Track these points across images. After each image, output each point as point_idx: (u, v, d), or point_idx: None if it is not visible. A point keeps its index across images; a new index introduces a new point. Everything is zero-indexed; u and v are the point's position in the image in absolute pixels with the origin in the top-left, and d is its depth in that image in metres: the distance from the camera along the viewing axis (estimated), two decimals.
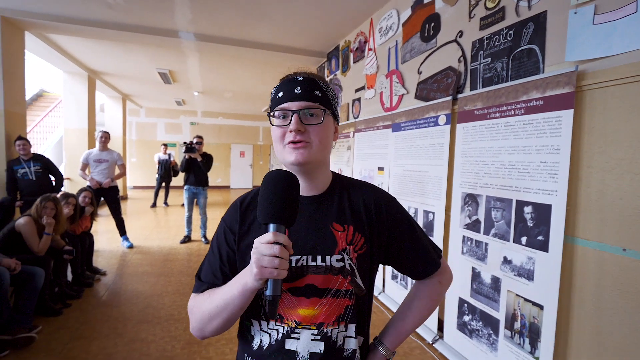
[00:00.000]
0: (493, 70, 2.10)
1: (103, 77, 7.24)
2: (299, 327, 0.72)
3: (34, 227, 2.76)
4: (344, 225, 0.76)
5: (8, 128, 3.92)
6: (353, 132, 3.96)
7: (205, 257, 0.81)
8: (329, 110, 0.75)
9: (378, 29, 3.52)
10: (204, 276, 0.78)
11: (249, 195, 0.82)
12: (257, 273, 0.57)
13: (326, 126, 0.74)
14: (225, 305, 0.66)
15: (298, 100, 0.72)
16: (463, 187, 2.25)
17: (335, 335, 0.73)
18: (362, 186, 0.83)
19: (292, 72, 0.78)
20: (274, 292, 0.58)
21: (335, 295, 0.73)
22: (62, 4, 3.67)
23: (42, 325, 2.56)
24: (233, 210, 0.80)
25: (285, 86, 0.74)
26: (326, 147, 0.75)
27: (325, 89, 0.76)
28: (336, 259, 0.73)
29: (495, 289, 2.00)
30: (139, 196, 10.20)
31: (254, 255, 0.58)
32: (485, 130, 2.07)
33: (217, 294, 0.70)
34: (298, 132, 0.70)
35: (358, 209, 0.79)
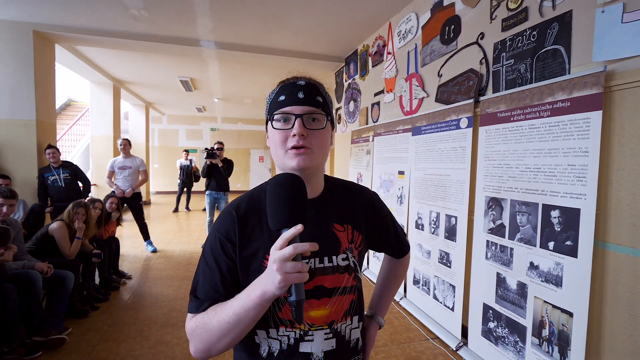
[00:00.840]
0: (516, 72, 2.06)
1: (127, 86, 7.51)
2: (312, 329, 0.73)
3: (66, 231, 2.88)
4: (343, 225, 0.81)
5: (39, 137, 4.12)
6: (372, 136, 3.96)
7: (198, 273, 0.74)
8: (329, 116, 0.76)
9: (397, 33, 3.51)
10: (202, 294, 0.71)
11: (242, 201, 0.78)
12: (281, 280, 0.56)
13: (327, 131, 0.75)
14: (239, 320, 0.63)
15: (301, 105, 0.71)
16: (486, 190, 2.20)
17: (344, 330, 0.77)
18: (352, 187, 0.89)
19: (292, 76, 0.78)
20: (299, 297, 0.57)
21: (342, 292, 0.77)
22: (90, 17, 3.84)
23: (72, 327, 2.66)
24: (228, 219, 0.75)
25: (287, 90, 0.73)
26: (326, 152, 0.76)
27: (325, 95, 0.77)
28: (342, 258, 0.77)
29: (521, 295, 1.94)
30: (161, 201, 10.48)
31: (276, 263, 0.56)
32: (509, 132, 2.03)
33: (225, 309, 0.65)
34: (301, 137, 0.70)
35: (354, 208, 0.84)
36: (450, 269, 2.57)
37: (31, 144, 4.06)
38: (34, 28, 3.95)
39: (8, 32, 3.89)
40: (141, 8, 3.56)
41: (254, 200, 0.78)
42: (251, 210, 0.76)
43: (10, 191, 2.54)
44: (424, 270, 2.89)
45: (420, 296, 2.95)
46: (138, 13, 3.67)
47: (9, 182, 3.60)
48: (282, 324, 0.72)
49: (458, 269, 2.48)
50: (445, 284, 2.62)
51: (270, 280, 0.58)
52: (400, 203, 3.32)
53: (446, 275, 2.61)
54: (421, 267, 2.93)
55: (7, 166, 4.01)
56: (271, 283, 0.57)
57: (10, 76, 3.93)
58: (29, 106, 4.00)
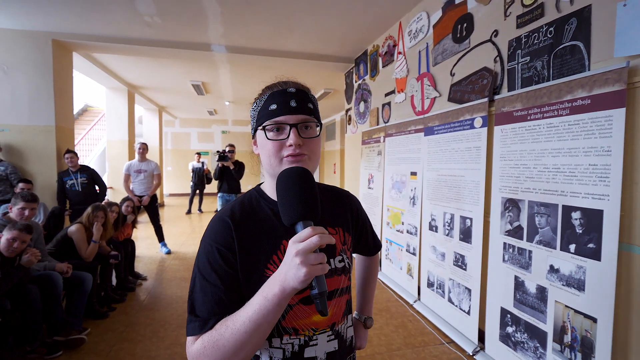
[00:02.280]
0: (532, 70, 2.01)
1: (141, 90, 7.66)
2: (316, 333, 0.74)
3: (84, 234, 2.95)
4: (335, 228, 0.82)
5: (59, 142, 4.23)
6: (383, 137, 3.92)
7: (195, 292, 0.68)
8: (320, 123, 0.76)
9: (407, 32, 3.48)
10: (204, 312, 0.65)
11: (235, 208, 0.75)
12: (307, 273, 0.53)
13: (319, 139, 0.75)
14: (257, 326, 0.59)
15: (295, 114, 0.70)
16: (503, 191, 2.15)
17: (344, 330, 0.80)
18: (335, 190, 0.91)
19: (280, 82, 0.76)
20: (322, 288, 0.56)
21: (340, 294, 0.79)
22: (106, 25, 3.93)
23: (90, 328, 2.72)
24: (223, 228, 0.71)
25: (278, 98, 0.71)
26: (318, 158, 0.76)
27: (314, 100, 0.77)
28: (338, 260, 0.79)
29: (541, 299, 1.89)
30: (174, 203, 10.64)
31: (299, 257, 0.54)
32: (526, 132, 1.98)
33: (238, 319, 0.60)
34: (298, 146, 0.69)
35: (341, 211, 0.87)
36: (465, 271, 2.52)
37: (51, 148, 4.17)
38: (53, 37, 4.07)
39: (29, 41, 4.02)
40: (154, 15, 3.62)
41: (246, 208, 0.76)
42: (246, 217, 0.74)
43: (31, 195, 2.62)
44: (438, 272, 2.84)
45: (434, 299, 2.90)
46: (151, 20, 3.73)
47: (31, 187, 3.70)
48: (286, 332, 0.72)
49: (474, 272, 2.43)
50: (460, 287, 2.57)
51: (292, 274, 0.55)
52: (412, 204, 3.27)
53: (461, 278, 2.55)
54: (435, 270, 2.88)
55: (29, 170, 4.13)
56: (293, 277, 0.54)
57: (31, 84, 4.06)
58: (48, 112, 4.12)
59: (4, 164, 3.80)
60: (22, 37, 4.00)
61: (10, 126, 4.05)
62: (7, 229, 2.18)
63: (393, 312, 3.07)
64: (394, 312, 3.07)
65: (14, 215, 2.54)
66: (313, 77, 6.34)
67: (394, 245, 3.67)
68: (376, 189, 4.13)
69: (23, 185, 3.60)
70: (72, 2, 3.38)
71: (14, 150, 4.07)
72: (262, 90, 0.77)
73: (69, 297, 2.67)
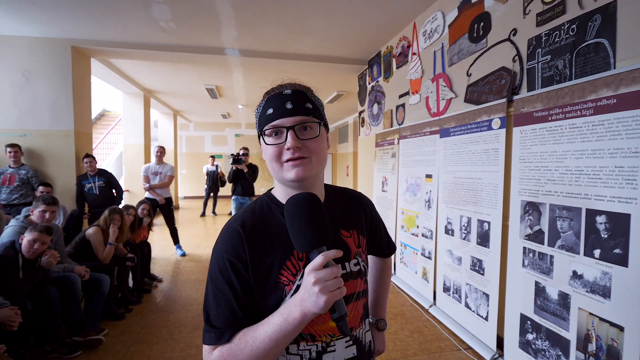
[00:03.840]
0: (554, 69, 1.95)
1: (157, 95, 7.80)
2: (333, 339, 0.73)
3: (101, 236, 3.01)
4: (349, 231, 0.81)
5: (77, 146, 4.34)
6: (397, 139, 3.88)
7: (209, 300, 0.70)
8: (321, 122, 0.74)
9: (422, 33, 3.44)
10: (219, 322, 0.67)
11: (245, 216, 0.74)
12: (327, 300, 0.55)
13: (322, 138, 0.73)
14: (276, 345, 0.61)
15: (291, 116, 0.68)
16: (522, 194, 2.09)
17: (362, 335, 0.79)
18: (349, 193, 0.90)
19: (277, 85, 0.75)
20: (342, 311, 0.58)
21: (357, 298, 0.78)
22: (122, 31, 4.02)
23: (107, 329, 2.76)
24: (234, 238, 0.70)
25: (274, 102, 0.70)
26: (324, 159, 0.74)
27: (314, 100, 0.74)
28: (353, 263, 0.78)
29: (563, 306, 1.82)
30: (189, 206, 10.79)
31: (317, 285, 0.55)
32: (547, 133, 1.92)
33: (257, 336, 0.62)
34: (296, 149, 0.68)
35: (355, 214, 0.85)
36: (483, 276, 2.45)
37: (70, 153, 4.28)
38: (72, 44, 4.18)
39: (49, 48, 4.14)
40: (169, 20, 3.68)
41: (257, 215, 0.75)
42: (257, 225, 0.73)
43: (52, 198, 2.68)
44: (455, 277, 2.78)
45: (451, 304, 2.84)
46: (166, 25, 3.80)
47: (50, 190, 3.80)
48: (303, 339, 0.71)
49: (492, 277, 2.36)
50: (478, 292, 2.51)
51: (311, 302, 0.57)
52: (428, 207, 3.22)
53: (479, 283, 2.49)
54: (452, 274, 2.82)
55: (49, 174, 4.25)
56: (313, 304, 0.56)
57: (51, 90, 4.18)
58: (68, 117, 4.23)
59: (25, 168, 3.92)
60: (42, 45, 4.12)
61: (31, 131, 4.18)
62: (29, 230, 2.24)
63: (408, 317, 3.01)
64: (409, 317, 3.01)
65: (35, 218, 2.61)
66: (326, 80, 6.34)
67: (408, 249, 3.61)
68: (390, 192, 4.09)
69: (43, 189, 3.70)
70: (91, 9, 3.46)
71: (35, 154, 4.20)
72: (263, 95, 0.76)
73: (88, 298, 2.72)
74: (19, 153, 3.90)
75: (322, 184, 0.81)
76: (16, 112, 4.13)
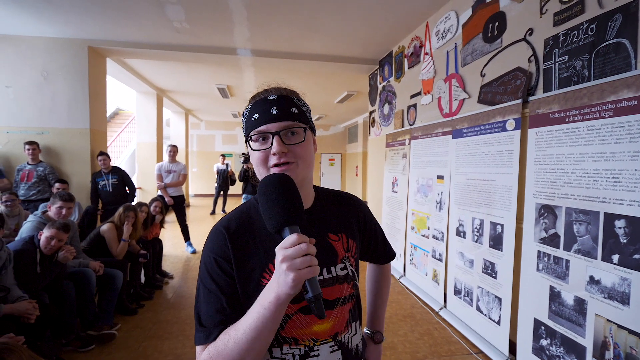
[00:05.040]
0: (571, 69, 1.91)
1: (169, 94, 7.91)
2: (317, 344, 0.72)
3: (115, 233, 3.06)
4: (338, 235, 0.80)
5: (93, 144, 4.43)
6: (409, 140, 3.85)
7: (199, 300, 0.70)
8: (308, 126, 0.73)
9: (435, 32, 3.40)
10: (208, 321, 0.67)
11: (232, 219, 0.76)
12: (294, 278, 0.53)
13: (308, 142, 0.73)
14: (258, 334, 0.60)
15: (276, 121, 0.69)
16: (537, 197, 2.05)
17: (348, 340, 0.77)
18: (341, 195, 0.88)
19: (263, 90, 0.75)
20: (315, 291, 0.55)
21: (343, 302, 0.76)
22: (137, 31, 4.08)
23: (120, 324, 2.81)
24: (219, 238, 0.72)
25: (260, 107, 0.71)
26: (310, 163, 0.74)
27: (300, 104, 0.75)
28: (340, 267, 0.77)
29: (579, 312, 1.78)
30: (199, 204, 10.90)
31: (285, 263, 0.54)
32: (564, 135, 1.88)
33: (239, 328, 0.62)
34: (282, 154, 0.68)
35: (346, 217, 0.84)
36: (495, 279, 2.42)
37: (85, 150, 4.37)
38: (89, 44, 4.27)
39: (67, 48, 4.23)
40: (183, 20, 3.73)
41: (244, 218, 0.76)
42: (243, 227, 0.74)
43: (68, 195, 2.74)
44: (466, 280, 2.75)
45: (461, 307, 2.81)
46: (180, 25, 3.85)
47: (66, 186, 3.89)
48: (286, 342, 0.71)
49: (505, 280, 2.33)
50: (490, 296, 2.47)
51: (282, 281, 0.55)
52: (439, 209, 3.19)
53: (491, 287, 2.46)
54: (463, 277, 2.79)
55: (65, 171, 4.34)
56: (284, 284, 0.55)
57: (68, 89, 4.27)
58: (84, 116, 4.32)
59: (43, 165, 4.02)
60: (61, 45, 4.22)
61: (49, 129, 4.28)
62: (47, 227, 2.29)
63: (418, 319, 2.99)
64: (419, 319, 2.99)
65: (52, 214, 2.67)
66: (336, 79, 6.33)
67: (418, 251, 3.59)
68: (400, 193, 4.06)
69: (59, 185, 3.79)
70: (107, 10, 3.53)
71: (52, 151, 4.30)
72: (249, 100, 0.77)
73: (101, 293, 2.77)
74: (37, 150, 4.00)
75: (311, 187, 0.81)
76: (35, 111, 4.24)
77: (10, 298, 1.97)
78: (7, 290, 1.98)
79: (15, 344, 1.10)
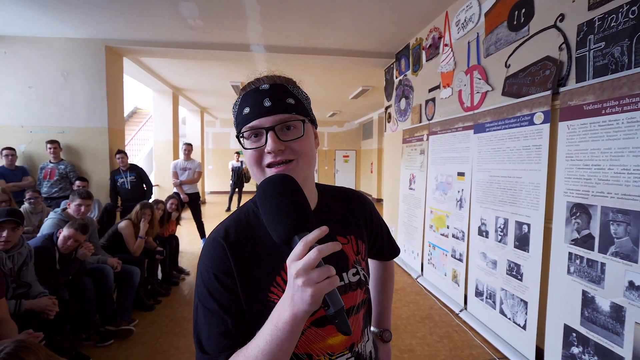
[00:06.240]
0: (609, 57, 1.76)
1: (184, 92, 7.98)
2: (332, 358, 0.67)
3: (132, 230, 3.09)
4: (346, 237, 0.73)
5: (111, 142, 4.50)
6: (427, 135, 3.73)
7: (199, 323, 0.61)
8: (307, 118, 0.65)
9: (455, 23, 3.26)
10: (211, 347, 0.59)
11: (230, 227, 0.67)
12: (313, 294, 0.46)
13: (308, 137, 0.64)
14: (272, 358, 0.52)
15: (270, 115, 0.60)
16: (569, 195, 1.92)
17: (363, 348, 0.73)
18: (345, 192, 0.81)
19: (254, 79, 0.66)
20: (338, 306, 0.48)
21: (357, 310, 0.71)
22: (152, 30, 4.10)
23: (138, 319, 2.84)
24: (218, 251, 0.63)
25: (251, 99, 0.62)
26: (311, 160, 0.65)
27: (297, 93, 0.66)
28: (352, 273, 0.71)
29: (617, 320, 1.65)
30: (215, 200, 11.03)
31: (301, 277, 0.46)
32: (600, 128, 1.74)
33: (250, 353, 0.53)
34: (279, 152, 0.60)
35: (353, 216, 0.77)
36: (521, 282, 2.30)
37: (104, 149, 4.44)
38: (106, 44, 4.32)
39: (85, 48, 4.30)
40: (196, 17, 3.71)
41: (243, 225, 0.67)
42: (243, 236, 0.66)
43: (87, 192, 2.78)
44: (489, 281, 2.63)
45: (484, 310, 2.69)
46: (194, 22, 3.83)
47: (86, 184, 3.96)
48: (299, 358, 0.65)
49: (531, 283, 2.20)
50: (515, 299, 2.35)
51: (297, 298, 0.47)
52: (459, 207, 3.07)
53: (516, 289, 2.34)
54: (485, 278, 2.67)
55: (85, 169, 4.43)
56: (300, 301, 0.47)
57: (87, 88, 4.34)
58: (102, 115, 4.39)
59: (64, 163, 4.10)
60: (79, 45, 4.28)
61: (70, 128, 4.37)
62: (67, 226, 2.32)
63: (437, 321, 2.89)
64: (438, 321, 2.89)
65: (71, 211, 2.70)
66: (351, 74, 6.22)
67: (437, 250, 3.47)
68: (418, 190, 3.94)
69: (79, 183, 3.86)
70: (123, 9, 3.55)
71: (73, 150, 4.38)
72: (239, 92, 0.68)
73: (120, 289, 2.80)
74: (58, 149, 4.08)
75: (313, 186, 0.73)
76: (56, 110, 4.33)
77: (31, 294, 2.01)
78: (28, 286, 2.01)
79: (33, 342, 1.09)
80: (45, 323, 1.93)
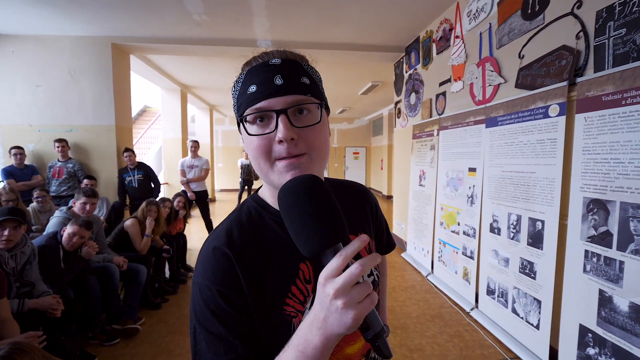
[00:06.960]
0: (629, 44, 1.66)
1: (193, 90, 7.99)
2: None
3: (138, 228, 3.09)
4: (357, 234, 0.66)
5: (119, 140, 4.52)
6: (437, 130, 3.64)
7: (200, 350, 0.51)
8: (323, 102, 0.56)
9: (466, 13, 3.16)
10: None
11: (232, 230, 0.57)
12: (355, 316, 0.39)
13: (324, 126, 0.55)
14: None
15: (282, 95, 0.50)
16: (586, 191, 1.83)
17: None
18: (350, 186, 0.76)
19: (261, 53, 0.55)
20: (377, 327, 0.43)
21: None
22: (158, 27, 4.09)
23: (144, 318, 2.83)
24: (221, 262, 0.54)
25: (259, 75, 0.51)
26: (326, 153, 0.55)
27: (312, 73, 0.56)
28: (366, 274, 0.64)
29: (636, 320, 1.57)
30: (224, 198, 11.07)
31: (341, 298, 0.39)
32: (620, 120, 1.65)
33: None
34: (291, 142, 0.50)
35: (362, 212, 0.72)
36: (534, 280, 2.21)
37: (112, 147, 4.47)
38: (112, 41, 4.33)
39: (91, 46, 4.32)
40: (202, 12, 3.68)
41: (246, 228, 0.58)
42: (248, 240, 0.56)
43: (92, 191, 2.78)
44: (501, 279, 2.55)
45: (495, 308, 2.61)
46: (199, 18, 3.81)
47: (95, 183, 3.99)
48: None
49: (545, 282, 2.12)
50: (528, 298, 2.27)
51: (334, 320, 0.40)
52: (471, 203, 2.98)
53: (530, 288, 2.25)
54: (497, 276, 2.59)
55: (93, 167, 4.46)
56: (337, 324, 0.40)
57: (94, 87, 4.36)
58: (109, 113, 4.41)
59: (72, 162, 4.14)
60: (85, 43, 4.30)
61: (78, 126, 4.40)
62: (70, 224, 2.32)
63: (447, 320, 2.83)
64: (448, 320, 2.82)
65: (76, 209, 2.71)
66: (360, 69, 6.13)
67: (447, 247, 3.39)
68: (428, 187, 3.86)
69: (87, 182, 3.89)
70: (128, 6, 3.54)
71: (81, 148, 4.42)
72: (242, 67, 0.57)
73: (126, 287, 2.80)
74: (66, 147, 4.12)
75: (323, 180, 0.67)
76: (63, 109, 4.37)
77: (35, 293, 2.00)
78: (32, 285, 2.01)
79: (29, 344, 1.07)
80: (50, 322, 1.93)
